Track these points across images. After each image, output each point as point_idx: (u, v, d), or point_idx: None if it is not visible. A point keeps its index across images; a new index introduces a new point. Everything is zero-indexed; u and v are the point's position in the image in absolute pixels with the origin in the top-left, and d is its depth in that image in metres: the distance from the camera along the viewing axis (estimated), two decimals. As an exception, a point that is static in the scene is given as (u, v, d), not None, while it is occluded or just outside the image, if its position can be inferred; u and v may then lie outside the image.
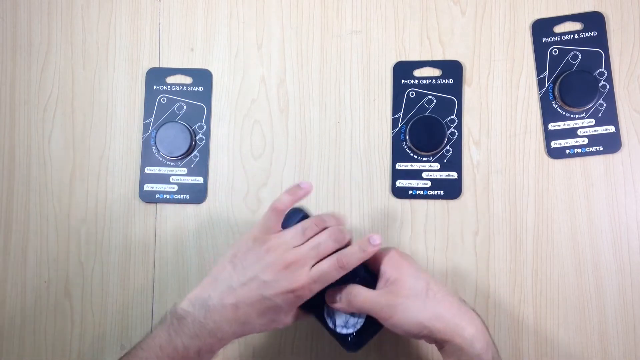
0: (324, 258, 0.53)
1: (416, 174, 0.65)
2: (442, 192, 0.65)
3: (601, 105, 0.65)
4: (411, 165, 0.66)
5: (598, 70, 0.65)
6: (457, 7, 0.67)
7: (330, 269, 0.52)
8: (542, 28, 0.66)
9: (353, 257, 0.53)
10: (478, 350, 0.50)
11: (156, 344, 0.51)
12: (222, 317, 0.51)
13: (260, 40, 0.68)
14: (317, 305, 0.56)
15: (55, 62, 0.68)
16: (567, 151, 0.65)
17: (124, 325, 0.65)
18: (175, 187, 0.66)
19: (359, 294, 0.53)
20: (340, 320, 0.56)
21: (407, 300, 0.52)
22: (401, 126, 0.66)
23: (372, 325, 0.55)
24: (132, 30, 0.68)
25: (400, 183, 0.65)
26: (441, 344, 0.52)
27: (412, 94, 0.66)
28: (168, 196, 0.66)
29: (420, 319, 0.51)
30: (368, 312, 0.53)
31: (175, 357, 0.51)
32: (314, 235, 0.54)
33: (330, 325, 0.56)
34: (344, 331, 0.55)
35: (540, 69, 0.66)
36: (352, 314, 0.55)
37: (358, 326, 0.55)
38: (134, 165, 0.67)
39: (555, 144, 0.65)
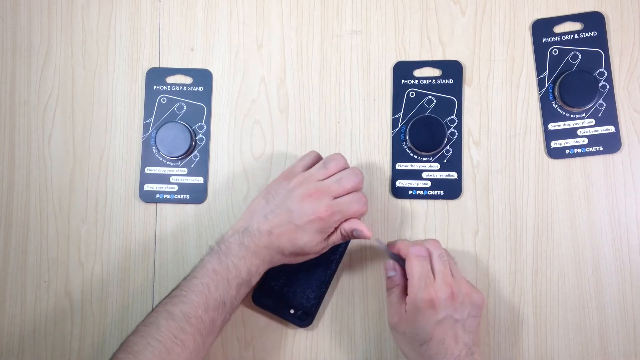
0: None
1: (416, 174, 0.65)
2: (442, 192, 0.65)
3: (601, 105, 0.65)
4: (411, 165, 0.66)
5: (598, 70, 0.65)
6: (457, 7, 0.67)
7: (350, 202, 0.58)
8: (542, 28, 0.66)
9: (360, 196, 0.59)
10: (456, 354, 0.54)
11: (209, 269, 0.55)
12: (261, 242, 0.56)
13: (260, 40, 0.68)
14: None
15: (55, 62, 0.68)
16: (567, 151, 0.65)
17: (124, 325, 0.65)
18: (175, 187, 0.66)
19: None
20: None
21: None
22: (401, 126, 0.66)
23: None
24: (132, 30, 0.68)
25: (400, 183, 0.65)
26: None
27: (412, 94, 0.66)
28: (168, 196, 0.66)
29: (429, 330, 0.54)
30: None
31: (229, 277, 0.55)
32: (337, 172, 0.59)
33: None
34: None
35: (540, 69, 0.66)
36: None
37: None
38: (134, 165, 0.67)
39: (555, 144, 0.65)
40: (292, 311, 0.63)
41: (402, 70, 0.67)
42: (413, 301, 0.55)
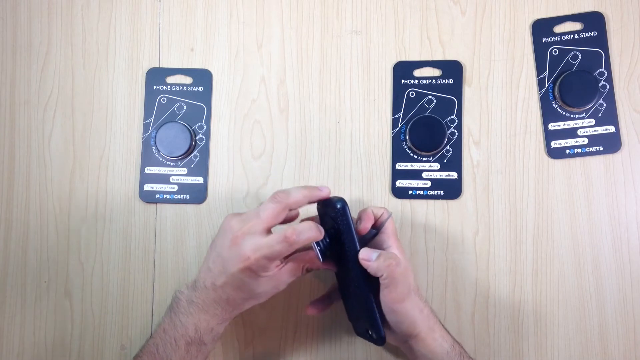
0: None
1: (416, 174, 0.65)
2: (442, 192, 0.65)
3: (601, 105, 0.65)
4: (411, 165, 0.66)
5: (598, 70, 0.65)
6: (457, 7, 0.67)
7: (273, 242, 0.51)
8: (542, 28, 0.66)
9: (303, 233, 0.51)
10: (447, 348, 0.55)
11: (161, 329, 0.55)
12: (208, 297, 0.54)
13: (260, 40, 0.68)
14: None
15: (55, 62, 0.68)
16: (567, 151, 0.65)
17: (124, 325, 0.65)
18: (175, 187, 0.66)
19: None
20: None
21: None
22: (401, 126, 0.66)
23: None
24: (132, 30, 0.68)
25: (400, 183, 0.65)
26: (412, 344, 0.55)
27: (412, 94, 0.66)
28: (168, 196, 0.66)
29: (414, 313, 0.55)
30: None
31: (176, 336, 0.54)
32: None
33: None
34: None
35: (540, 69, 0.66)
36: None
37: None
38: (134, 165, 0.67)
39: (555, 144, 0.65)
40: (369, 332, 0.57)
41: (402, 70, 0.67)
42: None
